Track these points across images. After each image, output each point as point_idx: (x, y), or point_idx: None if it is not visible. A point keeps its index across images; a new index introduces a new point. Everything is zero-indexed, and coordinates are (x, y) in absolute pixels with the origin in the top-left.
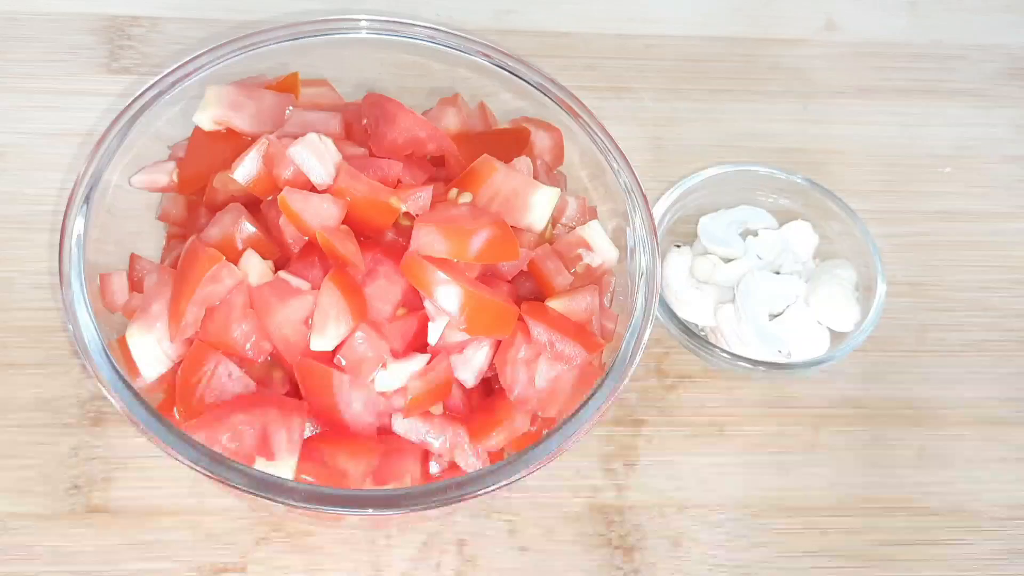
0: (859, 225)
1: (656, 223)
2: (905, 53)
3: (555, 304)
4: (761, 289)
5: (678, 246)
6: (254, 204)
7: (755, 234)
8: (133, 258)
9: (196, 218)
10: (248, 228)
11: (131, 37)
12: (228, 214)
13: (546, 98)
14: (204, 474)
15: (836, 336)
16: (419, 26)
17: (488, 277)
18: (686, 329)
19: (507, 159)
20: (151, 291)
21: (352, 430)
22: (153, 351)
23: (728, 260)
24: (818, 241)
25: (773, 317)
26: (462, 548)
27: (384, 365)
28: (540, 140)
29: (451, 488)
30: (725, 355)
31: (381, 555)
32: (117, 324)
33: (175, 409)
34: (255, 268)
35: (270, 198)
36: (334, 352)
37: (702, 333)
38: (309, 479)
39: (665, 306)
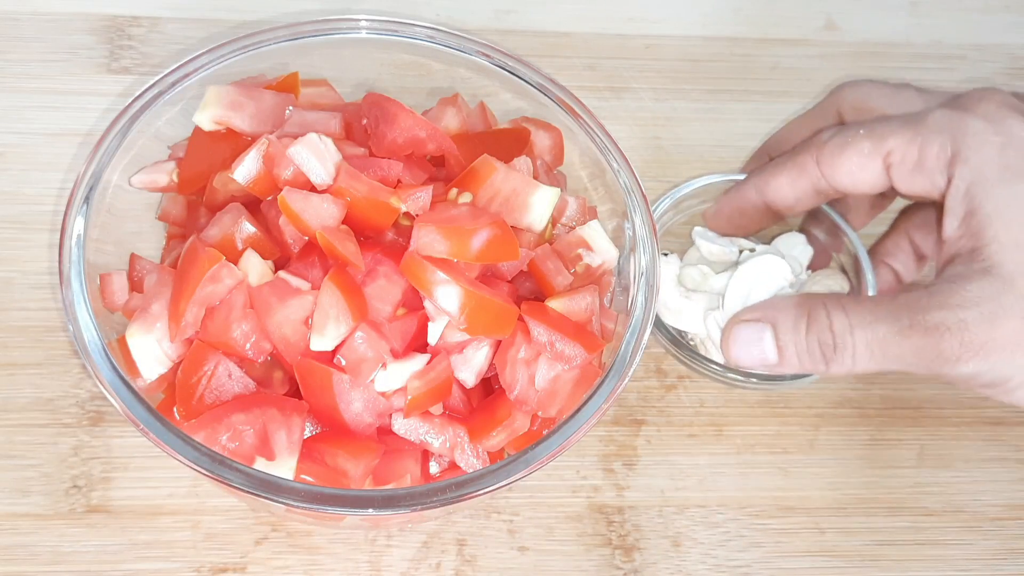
0: (851, 235)
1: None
2: (905, 53)
3: (555, 304)
4: (750, 275)
5: (665, 254)
6: (254, 204)
7: (752, 250)
8: (133, 258)
9: (196, 218)
10: (248, 228)
11: (131, 37)
12: (228, 214)
13: (546, 98)
14: (204, 474)
15: None
16: (419, 26)
17: (488, 277)
18: (675, 340)
19: (507, 159)
20: (151, 291)
21: (352, 430)
22: (153, 351)
23: (719, 271)
24: (812, 254)
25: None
26: (462, 548)
27: (384, 365)
28: (540, 140)
29: (451, 488)
30: (716, 367)
31: (381, 555)
32: (117, 324)
33: (175, 409)
34: (255, 268)
35: (270, 198)
36: (334, 352)
37: (692, 343)
38: (309, 479)
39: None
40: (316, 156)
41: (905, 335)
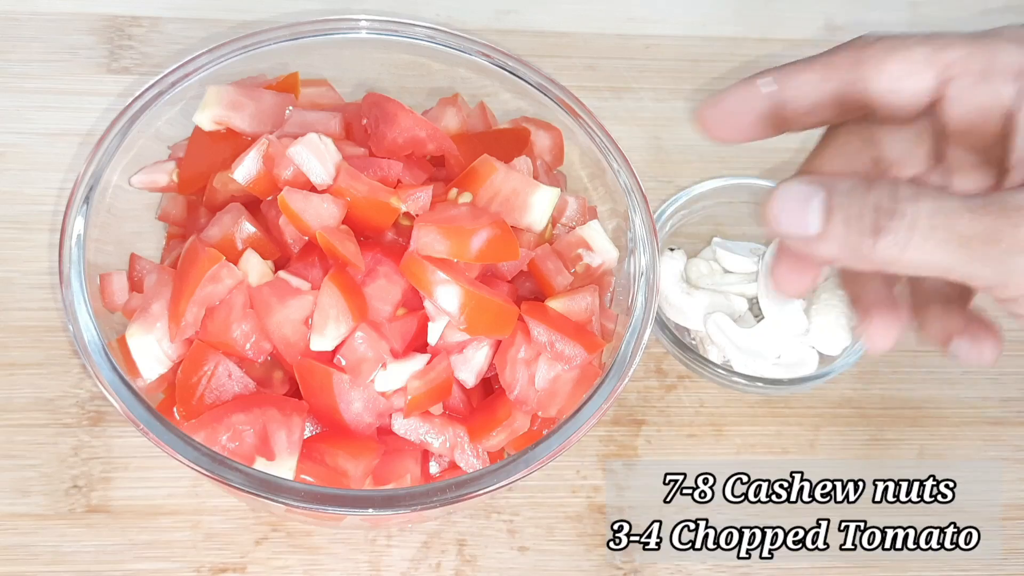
0: None
1: (658, 228)
2: None
3: (555, 304)
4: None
5: (672, 249)
6: (254, 204)
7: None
8: (133, 258)
9: (196, 218)
10: (248, 228)
11: (131, 37)
12: (228, 214)
13: (546, 98)
14: (204, 474)
15: (824, 356)
16: (419, 26)
17: (488, 277)
18: (676, 340)
19: (507, 159)
20: (151, 291)
21: (352, 430)
22: (153, 351)
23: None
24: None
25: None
26: (462, 548)
27: (384, 365)
28: (540, 140)
29: (451, 488)
30: (717, 369)
31: (381, 555)
32: (117, 324)
33: (175, 409)
34: (255, 268)
35: (270, 198)
36: (334, 352)
37: (693, 343)
38: (309, 479)
39: (658, 315)
40: (316, 156)
41: (978, 212)
